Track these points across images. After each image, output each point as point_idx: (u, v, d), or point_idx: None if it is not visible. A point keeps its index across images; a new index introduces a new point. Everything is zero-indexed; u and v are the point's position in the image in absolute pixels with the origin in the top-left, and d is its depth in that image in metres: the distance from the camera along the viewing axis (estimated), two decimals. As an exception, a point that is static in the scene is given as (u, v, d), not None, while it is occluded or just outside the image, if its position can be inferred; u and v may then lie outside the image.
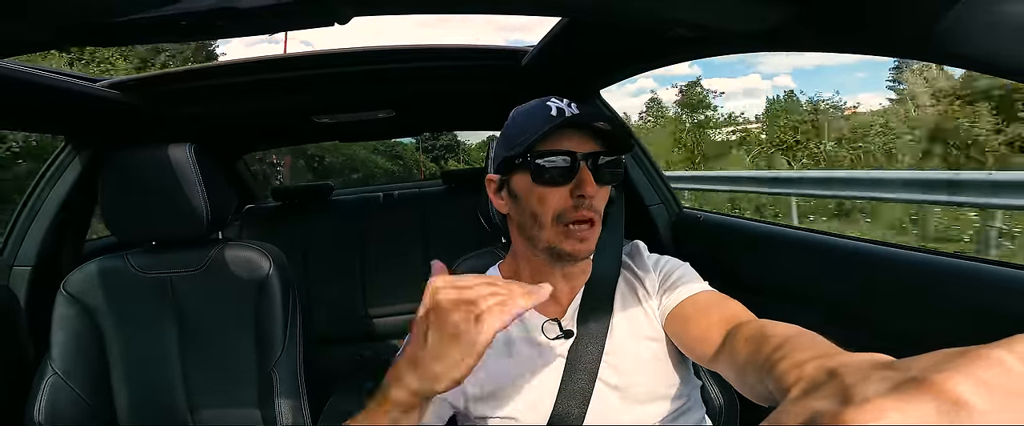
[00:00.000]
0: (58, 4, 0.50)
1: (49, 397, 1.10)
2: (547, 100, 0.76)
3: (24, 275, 1.31)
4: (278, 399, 1.12)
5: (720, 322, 0.66)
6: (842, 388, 0.28)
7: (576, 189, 0.71)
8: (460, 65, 1.38)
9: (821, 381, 0.32)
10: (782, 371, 0.41)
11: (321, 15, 0.61)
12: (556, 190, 0.72)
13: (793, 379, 0.37)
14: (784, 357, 0.43)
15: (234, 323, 1.18)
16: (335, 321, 2.12)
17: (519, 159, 0.74)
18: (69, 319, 1.14)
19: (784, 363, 0.41)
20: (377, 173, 12.79)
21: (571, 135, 0.73)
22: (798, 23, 0.66)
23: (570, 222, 0.72)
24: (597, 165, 0.72)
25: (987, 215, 4.48)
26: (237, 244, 1.22)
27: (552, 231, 0.73)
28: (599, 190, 0.73)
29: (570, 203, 0.72)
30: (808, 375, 0.35)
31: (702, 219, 1.38)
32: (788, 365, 0.40)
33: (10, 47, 0.71)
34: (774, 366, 0.43)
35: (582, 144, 0.73)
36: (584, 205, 0.71)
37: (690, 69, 35.01)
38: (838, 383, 0.29)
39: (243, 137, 2.29)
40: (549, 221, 0.73)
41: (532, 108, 0.77)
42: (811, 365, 0.36)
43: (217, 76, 1.30)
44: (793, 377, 0.38)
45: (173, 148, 1.13)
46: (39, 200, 1.33)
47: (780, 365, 0.42)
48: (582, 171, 0.71)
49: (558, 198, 0.72)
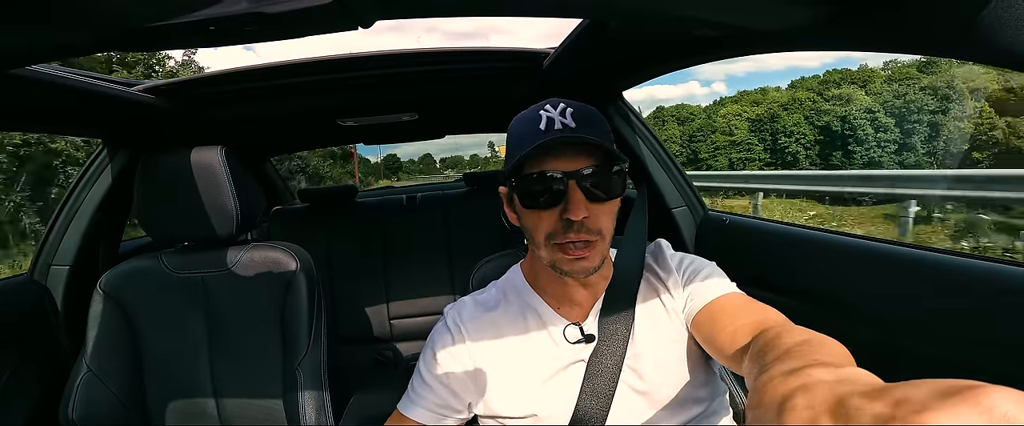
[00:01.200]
0: (92, 11, 0.52)
1: (83, 393, 1.13)
2: (542, 106, 0.72)
3: (62, 274, 1.36)
4: (302, 397, 1.14)
5: (748, 326, 0.64)
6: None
7: (565, 212, 0.68)
8: (482, 68, 1.39)
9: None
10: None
11: (345, 19, 0.62)
12: (545, 213, 0.70)
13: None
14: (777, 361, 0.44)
15: (261, 322, 1.20)
16: (358, 321, 2.15)
17: (510, 180, 0.72)
18: (104, 317, 1.18)
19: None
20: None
21: (560, 151, 0.68)
22: (829, 22, 0.65)
23: (564, 244, 0.69)
24: (591, 181, 0.68)
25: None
26: (265, 245, 1.24)
27: (547, 251, 0.72)
28: (596, 208, 0.69)
29: (560, 226, 0.69)
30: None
31: (728, 222, 1.35)
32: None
33: (47, 52, 0.74)
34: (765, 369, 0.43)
35: (572, 161, 0.68)
36: (573, 229, 0.68)
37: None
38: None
39: (271, 139, 2.34)
40: (543, 241, 0.71)
41: (525, 118, 0.73)
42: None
43: (247, 80, 1.33)
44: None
45: (205, 151, 1.15)
46: (77, 201, 1.38)
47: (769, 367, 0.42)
48: (571, 192, 0.67)
49: (548, 221, 0.70)
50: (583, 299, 0.79)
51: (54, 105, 1.09)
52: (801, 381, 0.34)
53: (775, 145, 32.87)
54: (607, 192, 0.70)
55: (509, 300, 0.83)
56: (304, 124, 1.92)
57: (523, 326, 0.80)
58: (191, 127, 1.49)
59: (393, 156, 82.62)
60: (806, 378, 0.34)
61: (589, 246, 0.70)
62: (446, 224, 2.24)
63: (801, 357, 0.43)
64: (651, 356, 0.76)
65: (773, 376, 0.37)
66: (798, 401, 0.32)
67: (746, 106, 35.06)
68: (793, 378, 0.35)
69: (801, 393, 0.32)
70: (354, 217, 2.32)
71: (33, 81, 0.92)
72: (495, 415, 0.78)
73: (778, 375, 0.37)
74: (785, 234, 1.19)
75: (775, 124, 32.89)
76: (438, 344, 0.81)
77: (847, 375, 0.34)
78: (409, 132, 2.41)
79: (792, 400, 0.32)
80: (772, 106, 33.37)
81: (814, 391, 0.32)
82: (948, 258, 0.80)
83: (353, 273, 2.18)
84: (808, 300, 1.01)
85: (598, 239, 0.70)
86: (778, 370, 0.38)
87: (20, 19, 0.51)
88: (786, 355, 0.45)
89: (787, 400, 0.32)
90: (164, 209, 1.16)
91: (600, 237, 0.70)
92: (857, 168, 27.34)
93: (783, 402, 0.33)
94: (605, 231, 0.71)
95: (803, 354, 0.44)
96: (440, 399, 0.79)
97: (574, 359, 0.76)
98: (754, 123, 34.01)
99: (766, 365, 0.45)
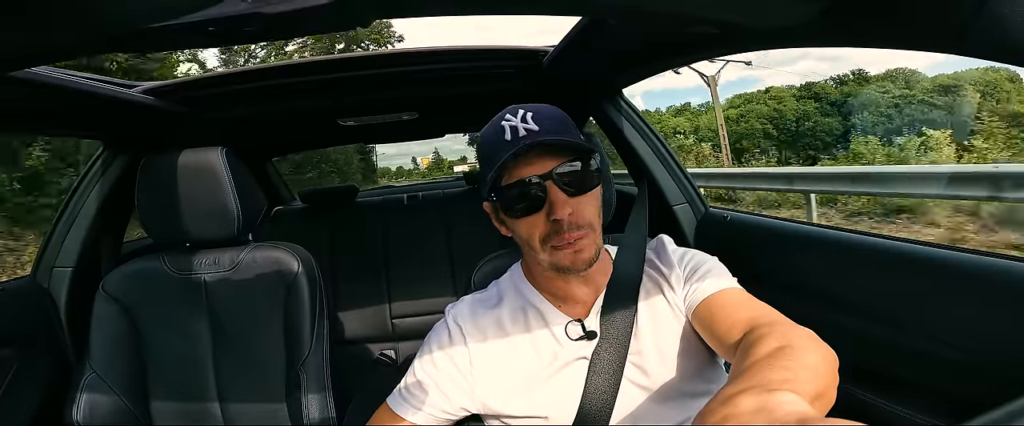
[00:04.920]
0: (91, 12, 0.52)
1: (87, 395, 1.13)
2: (503, 117, 0.74)
3: (65, 276, 1.36)
4: (305, 397, 1.14)
5: (742, 322, 0.65)
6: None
7: (550, 214, 0.70)
8: (481, 66, 1.39)
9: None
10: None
11: (344, 19, 0.62)
12: (532, 218, 0.72)
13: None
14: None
15: (264, 322, 1.20)
16: (360, 321, 2.15)
17: (491, 195, 0.75)
18: (108, 319, 1.18)
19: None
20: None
21: (531, 156, 0.71)
22: (828, 18, 0.64)
23: (559, 245, 0.72)
24: (566, 178, 0.71)
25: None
26: (267, 245, 1.24)
27: (545, 254, 0.74)
28: (577, 202, 0.71)
29: (550, 228, 0.71)
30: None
31: (729, 218, 1.35)
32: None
33: (47, 54, 0.74)
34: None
35: (545, 162, 0.71)
36: (563, 227, 0.71)
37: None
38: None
39: (271, 140, 2.34)
40: (538, 246, 0.74)
41: (491, 132, 0.75)
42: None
43: (247, 81, 1.33)
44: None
45: (206, 152, 1.15)
46: (79, 203, 1.38)
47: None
48: (551, 193, 0.70)
49: (538, 225, 0.72)
50: (584, 296, 0.80)
51: (54, 107, 1.09)
52: (727, 411, 0.42)
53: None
54: (584, 185, 0.72)
55: (510, 298, 0.83)
56: (304, 124, 1.92)
57: (524, 324, 0.80)
58: (192, 128, 1.49)
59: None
60: (731, 408, 0.42)
61: (582, 238, 0.72)
62: (447, 223, 2.24)
63: (753, 376, 0.48)
64: (654, 351, 0.76)
65: (715, 398, 0.45)
66: None
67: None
68: (723, 407, 0.43)
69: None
70: (355, 217, 2.32)
71: (33, 83, 0.92)
72: (498, 414, 0.78)
73: (717, 399, 0.45)
74: (787, 231, 1.19)
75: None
76: (436, 342, 0.82)
77: (768, 403, 0.41)
78: (409, 131, 2.41)
79: None
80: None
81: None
82: (953, 254, 0.80)
83: (354, 273, 2.18)
84: (809, 297, 1.01)
85: (588, 230, 0.73)
86: (725, 392, 0.45)
87: (20, 21, 0.51)
88: (749, 369, 0.51)
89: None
90: (165, 210, 1.16)
91: (590, 228, 0.73)
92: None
93: None
94: (593, 222, 0.74)
95: (758, 371, 0.49)
96: (431, 398, 0.79)
97: (576, 356, 0.76)
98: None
99: (733, 376, 0.52)
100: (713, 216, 1.41)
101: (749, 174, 8.22)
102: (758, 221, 1.35)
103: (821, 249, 1.06)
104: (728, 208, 1.51)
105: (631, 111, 1.47)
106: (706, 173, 9.29)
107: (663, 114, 31.20)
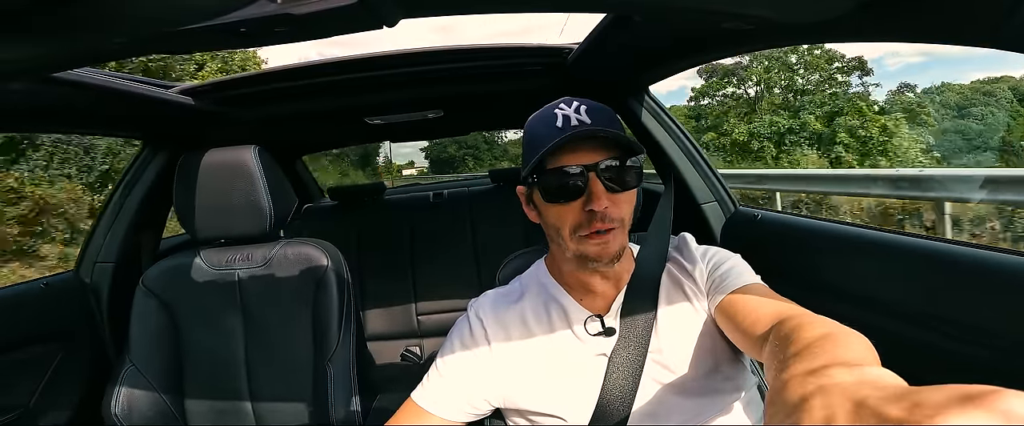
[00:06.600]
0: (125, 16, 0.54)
1: (126, 389, 1.17)
2: (556, 106, 0.75)
3: (107, 271, 1.41)
4: (332, 392, 1.16)
5: (769, 315, 0.64)
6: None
7: (587, 203, 0.71)
8: (506, 64, 1.39)
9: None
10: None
11: (371, 18, 0.63)
12: (568, 206, 0.73)
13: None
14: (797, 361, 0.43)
15: (293, 317, 1.23)
16: (386, 317, 2.18)
17: (531, 177, 0.75)
18: (148, 313, 1.22)
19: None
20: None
21: (579, 145, 0.71)
22: (863, 12, 0.62)
23: (588, 233, 0.72)
24: (609, 173, 0.71)
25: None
26: (297, 241, 1.27)
27: (574, 242, 0.74)
28: (615, 198, 0.72)
29: (584, 218, 0.72)
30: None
31: (760, 217, 1.32)
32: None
33: (83, 57, 0.77)
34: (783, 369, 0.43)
35: (591, 154, 0.71)
36: (597, 218, 0.71)
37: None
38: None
39: (301, 138, 2.39)
40: (569, 234, 0.74)
41: (541, 118, 0.76)
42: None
43: (278, 80, 1.36)
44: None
45: (240, 150, 1.19)
46: (121, 200, 1.44)
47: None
48: (592, 184, 0.71)
49: (572, 214, 0.73)
50: (605, 292, 0.79)
51: (95, 107, 1.14)
52: (820, 382, 0.34)
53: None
54: (624, 184, 0.73)
55: (532, 293, 0.84)
56: (333, 123, 1.95)
57: (545, 318, 0.80)
58: (226, 127, 1.53)
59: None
60: (825, 379, 0.35)
61: (611, 232, 0.72)
62: (472, 221, 2.25)
63: (821, 355, 0.43)
64: (676, 349, 0.75)
65: (793, 375, 0.37)
66: (815, 402, 0.32)
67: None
68: (812, 378, 0.35)
69: (819, 394, 0.33)
70: (381, 214, 2.35)
71: (74, 84, 0.96)
72: (519, 409, 0.78)
73: (798, 374, 0.37)
74: (822, 230, 1.15)
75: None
76: (457, 338, 0.82)
77: (867, 376, 0.34)
78: (434, 129, 2.43)
79: (809, 401, 0.32)
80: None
81: (832, 393, 0.32)
82: (990, 254, 0.76)
83: (381, 270, 2.21)
84: (842, 298, 0.98)
85: (619, 227, 0.73)
86: (799, 369, 0.39)
87: (56, 25, 0.54)
88: (806, 351, 0.45)
89: (804, 401, 0.33)
90: (201, 207, 1.20)
91: (620, 225, 0.74)
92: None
93: (800, 402, 0.33)
94: (625, 220, 0.75)
95: (824, 351, 0.44)
96: (454, 393, 0.79)
97: (596, 352, 0.76)
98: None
99: (786, 360, 0.45)
100: (743, 215, 1.38)
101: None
102: (791, 220, 1.31)
103: (856, 249, 1.02)
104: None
105: (658, 108, 1.45)
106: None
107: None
